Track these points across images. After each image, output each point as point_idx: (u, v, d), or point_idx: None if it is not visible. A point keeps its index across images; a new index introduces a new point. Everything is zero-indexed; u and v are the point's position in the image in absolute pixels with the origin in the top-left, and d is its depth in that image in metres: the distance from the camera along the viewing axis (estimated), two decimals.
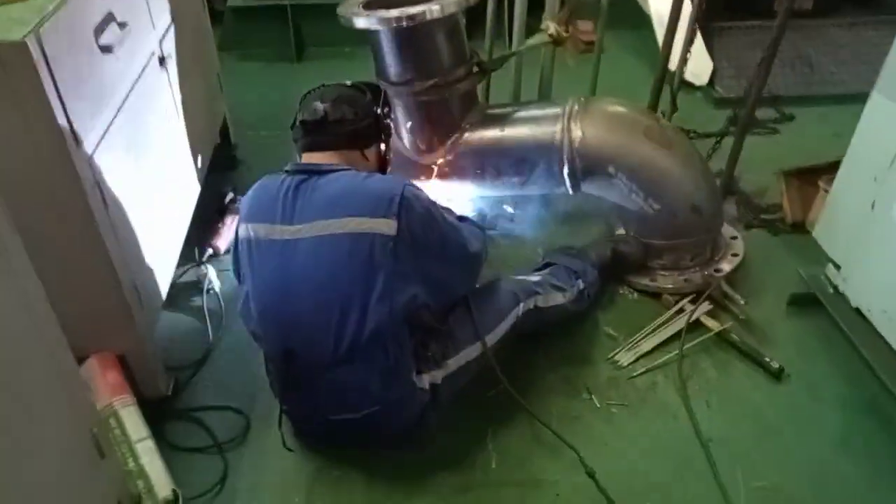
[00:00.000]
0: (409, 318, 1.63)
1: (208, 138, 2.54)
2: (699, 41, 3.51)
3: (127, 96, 1.71)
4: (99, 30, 1.57)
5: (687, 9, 2.60)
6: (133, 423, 1.67)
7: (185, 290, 2.28)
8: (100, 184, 1.52)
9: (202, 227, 2.42)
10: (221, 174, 2.75)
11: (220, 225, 2.48)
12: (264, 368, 1.82)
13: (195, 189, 2.30)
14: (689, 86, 3.46)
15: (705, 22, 3.79)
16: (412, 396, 1.67)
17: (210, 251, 2.40)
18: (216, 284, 2.29)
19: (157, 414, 1.81)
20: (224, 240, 2.44)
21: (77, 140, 1.42)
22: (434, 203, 1.70)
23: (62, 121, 1.36)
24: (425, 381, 1.68)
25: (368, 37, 2.13)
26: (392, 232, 1.57)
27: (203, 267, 2.33)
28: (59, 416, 1.24)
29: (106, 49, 1.58)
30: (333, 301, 1.57)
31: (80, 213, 1.46)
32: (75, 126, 1.40)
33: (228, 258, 2.33)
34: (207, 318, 2.18)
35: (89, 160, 1.47)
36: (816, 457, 1.79)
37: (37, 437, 1.13)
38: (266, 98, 3.44)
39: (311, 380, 1.63)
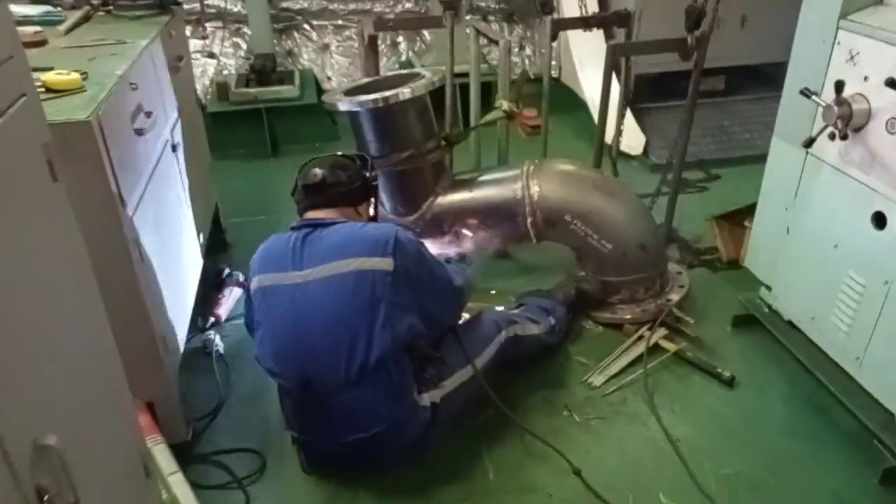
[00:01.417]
0: (408, 344, 1.88)
1: (207, 219, 2.81)
2: (631, 119, 4.05)
3: (152, 173, 1.99)
4: (133, 117, 1.87)
5: (616, 93, 3.08)
6: (164, 458, 1.84)
7: (192, 355, 2.46)
8: (138, 242, 1.76)
9: (204, 300, 2.63)
10: (216, 255, 2.99)
11: (219, 297, 2.71)
12: (279, 405, 2.02)
13: (199, 261, 2.54)
14: (627, 156, 3.91)
15: (636, 104, 4.36)
16: (415, 414, 1.89)
17: (213, 319, 2.61)
18: (221, 347, 2.49)
19: (180, 458, 1.95)
20: (224, 309, 2.66)
21: (123, 203, 1.68)
22: (422, 244, 2.00)
23: (113, 187, 1.63)
24: (426, 400, 1.91)
25: (350, 119, 2.49)
26: (389, 268, 1.84)
27: (209, 332, 2.53)
28: (124, 436, 1.44)
29: (139, 132, 1.88)
30: (342, 331, 1.81)
31: (124, 266, 1.69)
32: (122, 191, 1.67)
33: (229, 325, 2.58)
34: (217, 374, 2.36)
35: (131, 221, 1.73)
36: (769, 444, 2.06)
37: (109, 452, 1.33)
38: (247, 190, 3.73)
39: (326, 405, 1.84)
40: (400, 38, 4.97)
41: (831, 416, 2.14)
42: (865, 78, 1.92)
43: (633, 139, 3.90)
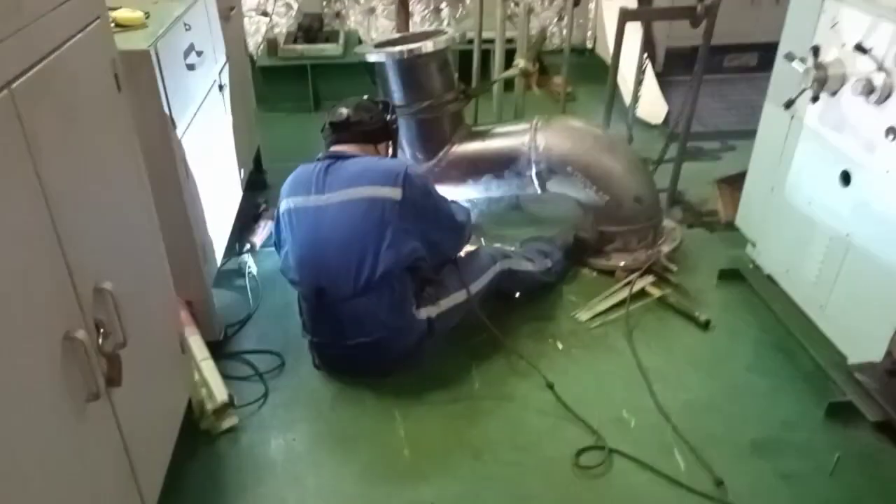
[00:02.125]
0: (411, 264, 2.16)
1: (248, 157, 3.14)
2: (656, 88, 4.20)
3: (200, 105, 2.30)
4: (186, 53, 2.17)
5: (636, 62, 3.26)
6: (198, 346, 2.17)
7: (228, 275, 2.79)
8: (185, 160, 2.08)
9: (241, 229, 2.96)
10: (255, 192, 3.32)
11: (255, 226, 3.03)
12: (299, 318, 2.33)
13: (238, 193, 2.87)
14: (648, 124, 4.06)
15: (666, 76, 4.49)
16: (412, 325, 2.17)
17: (248, 245, 2.94)
18: (254, 269, 2.82)
19: (211, 353, 2.29)
20: (259, 237, 2.99)
21: (174, 124, 1.99)
22: (430, 180, 2.27)
23: (166, 108, 1.94)
24: (423, 314, 2.19)
25: (378, 70, 2.75)
26: (398, 198, 2.12)
27: (245, 256, 2.86)
28: (167, 317, 1.77)
29: (190, 67, 2.18)
30: (354, 249, 2.10)
31: (171, 179, 2.01)
32: (173, 114, 1.98)
33: (262, 252, 2.90)
34: (248, 291, 2.69)
35: (179, 141, 2.04)
36: (732, 377, 2.28)
37: (153, 317, 1.65)
38: (288, 139, 4.04)
39: (336, 311, 2.15)
40: (443, 5, 5.19)
41: (794, 358, 2.33)
42: (843, 44, 2.09)
43: (654, 108, 4.05)
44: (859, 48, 1.97)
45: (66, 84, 1.30)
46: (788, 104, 2.26)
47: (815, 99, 2.16)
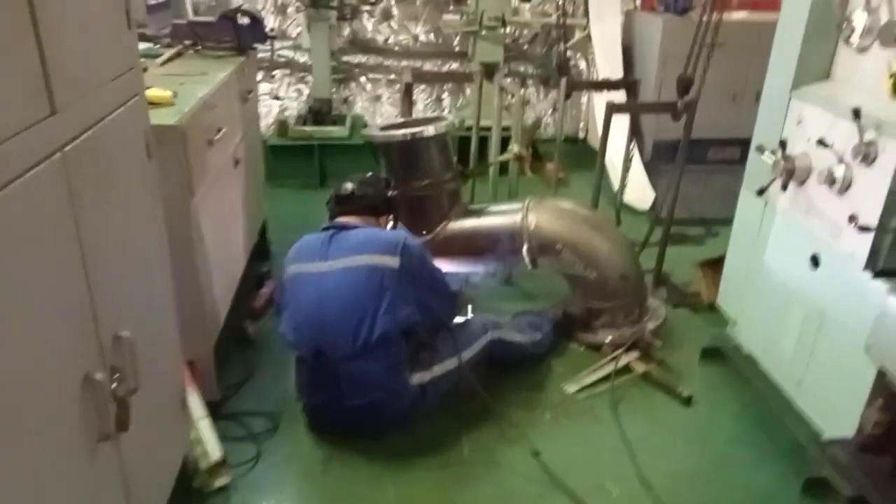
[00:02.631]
0: (406, 330, 2.27)
1: (255, 228, 3.30)
2: (643, 176, 4.44)
3: (217, 177, 2.48)
4: (207, 129, 2.37)
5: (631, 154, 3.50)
6: (196, 405, 2.24)
7: (229, 338, 2.86)
8: (199, 226, 2.23)
9: (244, 295, 3.08)
10: (260, 259, 3.46)
11: (258, 293, 3.16)
12: (295, 382, 2.42)
13: (244, 260, 3.01)
14: (635, 210, 4.27)
15: (655, 166, 4.75)
16: (406, 389, 2.26)
17: (250, 311, 3.05)
18: (254, 333, 2.92)
19: (209, 413, 2.36)
20: (261, 303, 3.10)
21: (192, 192, 2.15)
22: (426, 251, 2.41)
23: (187, 178, 2.11)
24: (416, 379, 2.29)
25: (383, 150, 2.95)
26: (396, 266, 2.26)
27: (246, 320, 2.96)
28: (173, 372, 1.87)
29: (210, 142, 2.37)
30: (353, 312, 2.22)
31: (186, 242, 2.15)
32: (192, 183, 2.15)
33: (264, 317, 3.00)
34: (248, 354, 2.79)
35: (196, 207, 2.20)
36: (713, 450, 2.36)
37: (160, 368, 1.76)
38: (294, 213, 4.22)
39: (333, 372, 2.24)
40: (445, 94, 5.53)
41: (774, 433, 2.41)
42: (808, 139, 2.29)
43: (641, 194, 4.26)
44: (821, 143, 2.17)
45: (106, 150, 1.46)
46: (761, 192, 2.44)
47: (784, 187, 2.35)
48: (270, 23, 5.02)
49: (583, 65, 5.38)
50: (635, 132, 4.95)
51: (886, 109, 2.00)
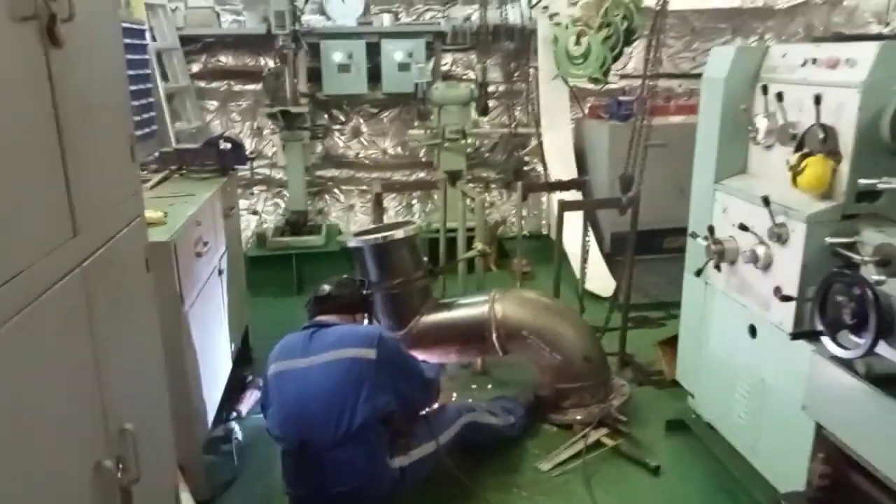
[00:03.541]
0: (385, 417, 2.43)
1: (238, 334, 3.48)
2: (602, 266, 4.74)
3: (203, 287, 2.69)
4: (196, 243, 2.61)
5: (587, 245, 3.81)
6: (188, 502, 2.34)
7: (216, 441, 2.99)
8: (188, 333, 2.42)
9: (228, 399, 3.21)
10: (243, 365, 3.61)
11: (242, 396, 3.29)
12: (281, 478, 2.53)
13: (228, 365, 3.17)
14: (600, 297, 4.53)
15: (615, 256, 5.07)
16: (386, 473, 2.39)
17: (235, 413, 3.18)
18: (240, 435, 3.03)
19: None
20: (245, 406, 3.23)
21: (182, 300, 2.36)
22: (400, 343, 2.62)
23: (177, 288, 2.32)
24: (396, 463, 2.43)
25: (355, 254, 3.21)
26: (373, 357, 2.45)
27: (231, 423, 3.09)
28: (170, 471, 2.01)
29: (198, 254, 2.61)
30: (334, 403, 2.38)
31: (177, 347, 2.33)
32: (183, 292, 2.36)
33: (248, 420, 3.13)
34: (234, 455, 2.89)
35: (186, 315, 2.39)
36: None
37: (157, 461, 1.90)
38: (274, 319, 4.37)
39: (318, 461, 2.37)
40: (415, 200, 5.89)
41: (736, 496, 2.56)
42: (733, 224, 2.59)
43: (602, 282, 4.55)
44: (743, 227, 2.48)
45: (116, 265, 1.69)
46: (698, 272, 2.72)
47: (717, 268, 2.63)
48: (248, 145, 5.40)
49: (540, 168, 5.82)
50: (593, 226, 5.31)
51: (791, 196, 2.32)
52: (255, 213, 5.57)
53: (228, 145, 3.41)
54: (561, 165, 5.40)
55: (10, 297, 1.14)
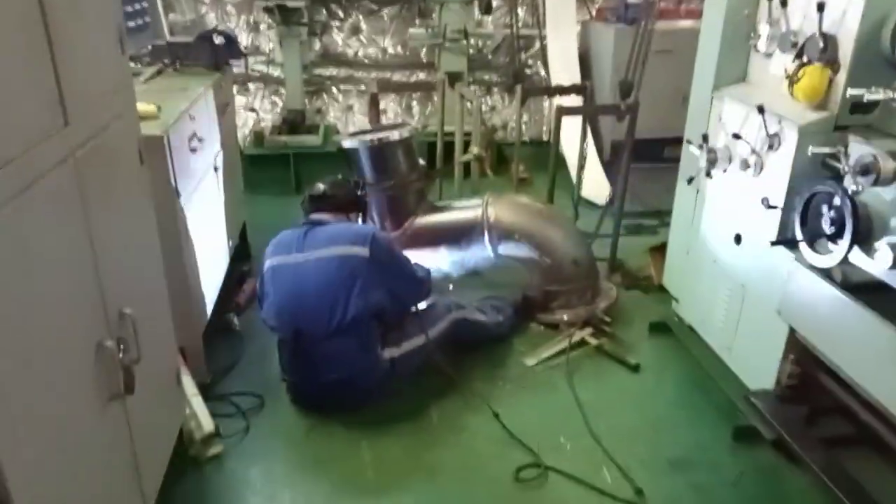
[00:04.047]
0: (376, 312, 2.53)
1: (235, 231, 3.54)
2: (600, 172, 4.74)
3: (199, 182, 2.72)
4: (190, 139, 2.61)
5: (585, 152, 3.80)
6: (188, 384, 2.48)
7: (216, 330, 3.10)
8: (185, 224, 2.47)
9: (228, 292, 3.32)
10: (241, 260, 3.70)
11: (240, 289, 3.40)
12: (278, 365, 2.66)
13: (227, 260, 3.25)
14: (595, 205, 4.56)
15: (613, 164, 5.05)
16: (378, 364, 2.52)
17: (234, 305, 3.29)
18: (238, 325, 3.16)
19: (200, 394, 2.60)
20: (243, 298, 3.34)
21: (178, 194, 2.40)
22: (393, 243, 2.68)
23: (172, 182, 2.35)
24: (387, 355, 2.55)
25: (351, 155, 3.22)
26: (366, 255, 2.52)
27: (230, 314, 3.20)
28: (170, 355, 2.11)
29: (193, 150, 2.62)
30: (328, 296, 2.48)
31: (174, 238, 2.39)
32: (178, 186, 2.39)
33: (247, 311, 3.24)
34: (233, 343, 3.02)
35: (182, 208, 2.44)
36: (656, 409, 2.64)
37: (158, 344, 2.00)
38: (272, 218, 4.41)
39: (312, 351, 2.49)
40: (414, 103, 5.80)
41: (709, 393, 2.70)
42: (727, 133, 2.59)
43: (598, 189, 4.56)
44: (737, 136, 2.47)
45: (108, 156, 1.71)
46: (690, 180, 2.74)
47: (709, 175, 2.65)
48: (244, 40, 5.26)
49: (544, 72, 5.69)
50: (594, 133, 5.27)
51: (786, 105, 2.31)
52: (252, 110, 5.51)
53: (222, 39, 3.34)
54: (564, 70, 5.28)
55: (5, 183, 1.18)
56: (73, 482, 1.42)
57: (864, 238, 1.88)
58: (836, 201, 1.93)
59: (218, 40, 3.33)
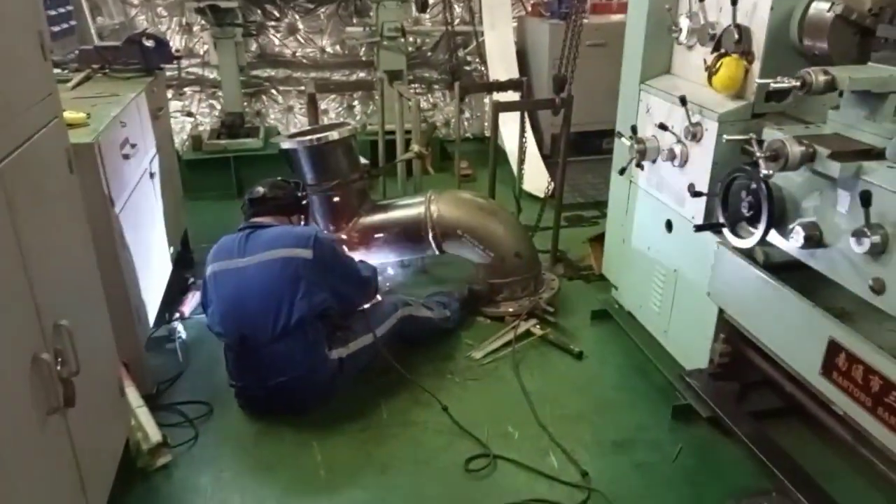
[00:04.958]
0: (321, 313, 2.54)
1: (176, 238, 3.48)
2: (541, 166, 4.84)
3: (133, 188, 2.67)
4: (122, 145, 2.56)
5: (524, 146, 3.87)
6: (133, 396, 2.44)
7: (160, 341, 3.07)
8: (121, 233, 2.43)
9: (171, 301, 3.26)
10: (184, 268, 3.64)
11: (184, 298, 3.35)
12: (226, 372, 2.64)
13: (168, 268, 3.20)
14: (536, 198, 4.65)
15: (554, 157, 5.15)
16: (325, 365, 2.53)
17: (178, 314, 3.24)
18: (183, 334, 3.11)
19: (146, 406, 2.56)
20: (187, 307, 3.30)
21: (112, 202, 2.35)
22: (337, 243, 2.69)
23: (105, 190, 2.31)
24: (334, 355, 2.56)
25: (292, 155, 3.20)
26: (309, 256, 2.52)
27: (174, 323, 3.15)
28: (112, 365, 2.07)
29: (125, 157, 2.57)
30: (271, 300, 2.47)
31: (110, 248, 2.34)
32: (112, 194, 2.35)
33: (190, 321, 3.20)
34: (178, 353, 2.98)
35: (117, 217, 2.40)
36: (599, 394, 2.73)
37: (97, 357, 1.96)
38: (214, 223, 4.34)
39: (257, 355, 2.48)
40: (356, 102, 5.79)
41: (649, 376, 2.81)
42: (655, 124, 2.69)
43: (539, 182, 4.65)
44: (663, 126, 2.58)
45: (35, 166, 1.68)
46: (621, 171, 2.84)
47: (639, 166, 2.75)
48: (176, 42, 5.16)
49: (483, 68, 5.77)
50: (533, 127, 5.37)
51: (707, 96, 2.42)
52: (189, 114, 5.41)
53: (153, 42, 3.27)
54: (503, 65, 5.37)
55: None
56: (15, 497, 1.39)
57: (780, 220, 1.99)
58: (753, 186, 2.04)
59: (148, 43, 3.27)
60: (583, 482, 2.26)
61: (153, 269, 2.91)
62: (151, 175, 3.01)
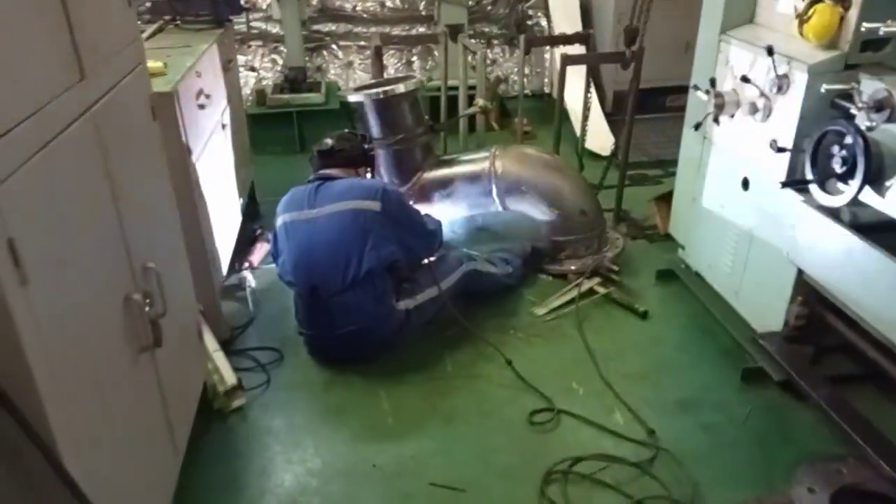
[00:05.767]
0: (390, 265, 2.56)
1: (244, 189, 3.55)
2: (603, 124, 4.73)
3: (208, 139, 2.72)
4: (197, 95, 2.61)
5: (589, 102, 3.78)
6: (210, 341, 2.53)
7: (230, 289, 3.16)
8: (198, 182, 2.49)
9: (240, 251, 3.35)
10: (251, 220, 3.72)
11: (252, 248, 3.43)
12: (295, 320, 2.71)
13: (238, 218, 3.27)
14: (599, 156, 4.56)
15: (617, 115, 5.03)
16: (392, 315, 2.57)
17: (247, 264, 3.33)
18: (253, 282, 3.20)
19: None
20: (256, 257, 3.38)
21: (190, 151, 2.41)
22: (404, 196, 2.70)
23: (184, 138, 2.36)
24: (401, 306, 2.59)
25: (358, 109, 3.21)
26: (378, 209, 2.54)
27: (244, 272, 3.24)
28: (192, 310, 2.15)
29: (201, 107, 2.62)
30: (341, 251, 2.51)
31: (188, 196, 2.40)
32: (189, 143, 2.40)
33: (259, 269, 3.27)
34: (249, 301, 3.07)
35: (194, 166, 2.45)
36: (663, 355, 2.70)
37: (182, 316, 2.03)
38: (278, 177, 4.42)
39: (327, 305, 2.53)
40: (415, 58, 5.74)
41: (716, 337, 2.75)
42: (735, 77, 2.58)
43: (602, 141, 4.55)
44: (745, 79, 2.46)
45: (122, 111, 1.72)
46: (697, 126, 2.74)
47: (716, 121, 2.65)
48: None
49: (544, 23, 5.61)
50: (596, 85, 5.22)
51: (795, 46, 2.30)
52: (252, 69, 5.45)
53: None
54: (566, 19, 5.21)
55: (28, 137, 1.20)
56: (111, 427, 1.47)
57: (877, 176, 1.89)
58: (848, 140, 1.94)
59: None
60: (650, 440, 2.25)
61: (225, 218, 2.98)
62: (223, 126, 3.06)
